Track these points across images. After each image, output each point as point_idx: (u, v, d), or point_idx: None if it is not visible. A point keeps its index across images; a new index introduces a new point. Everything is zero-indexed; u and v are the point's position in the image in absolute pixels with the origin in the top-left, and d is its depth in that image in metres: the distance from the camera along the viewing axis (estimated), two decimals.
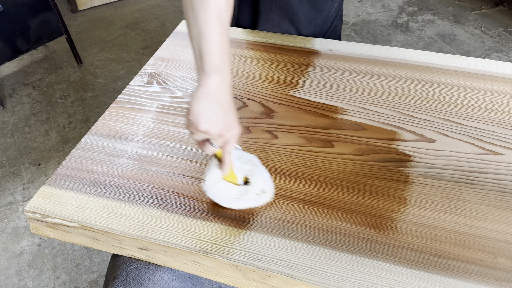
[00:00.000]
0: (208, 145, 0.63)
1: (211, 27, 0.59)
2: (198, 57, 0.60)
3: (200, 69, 0.60)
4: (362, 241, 0.64)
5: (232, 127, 0.61)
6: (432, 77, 0.94)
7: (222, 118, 0.59)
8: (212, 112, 0.59)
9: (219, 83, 0.59)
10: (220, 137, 0.60)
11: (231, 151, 0.64)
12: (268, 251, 0.63)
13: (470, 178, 0.73)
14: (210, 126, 0.58)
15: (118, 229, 0.66)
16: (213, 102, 0.59)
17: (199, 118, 0.58)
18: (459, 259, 0.61)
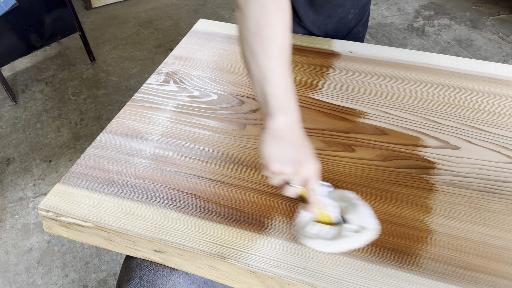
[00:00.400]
0: (288, 187, 0.59)
1: (274, 70, 0.57)
2: (262, 101, 0.59)
3: (265, 112, 0.58)
4: (385, 250, 0.61)
5: (307, 162, 0.57)
6: (456, 82, 0.91)
7: (295, 155, 0.57)
8: (283, 151, 0.56)
9: (287, 122, 0.58)
10: (296, 175, 0.57)
11: (315, 188, 0.59)
12: (287, 258, 0.61)
13: (496, 188, 0.70)
14: (282, 165, 0.56)
15: (133, 231, 0.64)
16: (282, 141, 0.57)
17: (270, 160, 0.56)
18: (486, 272, 0.59)
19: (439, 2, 2.82)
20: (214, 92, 0.90)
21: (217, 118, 0.84)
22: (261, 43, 0.57)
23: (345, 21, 1.08)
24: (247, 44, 0.59)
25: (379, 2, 2.85)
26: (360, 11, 1.09)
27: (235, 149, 0.77)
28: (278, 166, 0.56)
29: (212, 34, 1.08)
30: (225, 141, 0.79)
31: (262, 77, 0.58)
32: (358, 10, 1.08)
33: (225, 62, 0.99)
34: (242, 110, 0.86)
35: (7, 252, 1.50)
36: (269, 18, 0.57)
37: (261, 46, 0.57)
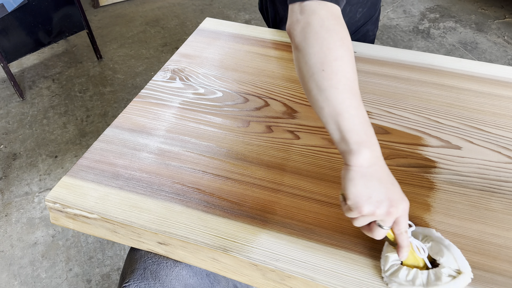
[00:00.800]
0: (378, 229, 0.55)
1: (347, 103, 0.54)
2: (339, 138, 0.55)
3: (345, 150, 0.55)
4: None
5: (399, 202, 0.54)
6: (459, 83, 0.92)
7: (386, 194, 0.53)
8: (373, 191, 0.53)
9: (371, 157, 0.54)
10: (389, 216, 0.53)
11: (406, 229, 0.56)
12: (288, 251, 0.62)
13: (496, 187, 0.71)
14: (375, 207, 0.52)
15: (138, 223, 0.66)
16: (371, 179, 0.53)
17: (360, 200, 0.53)
18: (484, 269, 0.60)
19: (445, 5, 2.82)
20: (219, 89, 0.92)
21: (222, 115, 0.85)
22: (328, 77, 0.55)
23: (353, 20, 1.09)
24: (313, 82, 0.56)
25: (385, 4, 2.85)
26: (369, 9, 1.10)
27: (239, 145, 0.79)
28: (370, 208, 0.52)
29: (218, 33, 1.10)
30: (229, 137, 0.80)
31: (335, 113, 0.54)
32: (367, 9, 1.09)
33: (230, 60, 1.00)
34: (247, 107, 0.87)
35: (12, 245, 1.52)
36: (333, 51, 0.55)
37: (329, 81, 0.55)
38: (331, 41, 0.55)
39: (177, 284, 0.66)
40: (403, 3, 2.85)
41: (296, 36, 0.58)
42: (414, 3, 2.86)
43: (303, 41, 0.57)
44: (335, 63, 0.55)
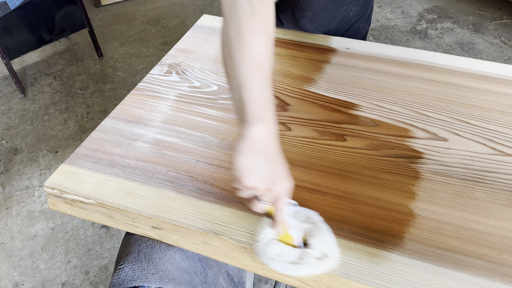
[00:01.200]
0: (257, 202, 0.59)
1: (251, 76, 0.56)
2: (239, 108, 0.57)
3: (242, 120, 0.56)
4: (370, 231, 0.65)
5: (281, 180, 0.56)
6: (448, 78, 0.95)
7: (270, 171, 0.55)
8: (258, 165, 0.54)
9: (264, 133, 0.55)
10: (269, 192, 0.55)
11: (283, 207, 0.58)
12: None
13: (480, 177, 0.73)
14: (256, 181, 0.54)
15: (133, 208, 0.68)
16: (259, 154, 0.54)
17: (244, 173, 0.54)
18: (464, 253, 0.62)
19: (443, 6, 2.85)
20: (215, 83, 0.94)
21: (216, 107, 0.88)
22: (239, 48, 0.57)
23: (347, 18, 1.11)
24: (227, 50, 0.59)
25: (383, 5, 2.88)
26: (362, 8, 1.12)
27: (232, 136, 0.81)
28: (252, 181, 0.54)
29: (215, 29, 1.12)
30: (223, 128, 0.83)
31: (239, 83, 0.56)
32: (360, 7, 1.11)
33: None
34: None
35: (12, 237, 1.55)
36: (249, 25, 0.57)
37: (239, 51, 0.57)
38: (251, 15, 0.58)
39: (169, 266, 0.69)
40: (401, 4, 2.88)
41: (225, 4, 0.60)
42: (413, 4, 2.88)
43: (229, 11, 0.59)
44: (248, 36, 0.57)
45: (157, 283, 0.67)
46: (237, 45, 0.57)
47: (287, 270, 0.59)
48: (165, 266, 0.68)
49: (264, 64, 0.58)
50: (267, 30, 0.59)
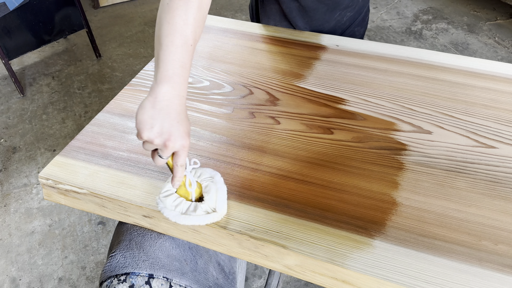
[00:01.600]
0: (157, 157, 0.61)
1: (170, 38, 0.59)
2: (155, 67, 0.60)
3: (154, 78, 0.60)
4: (354, 219, 0.67)
5: (178, 138, 0.58)
6: (434, 74, 0.97)
7: (168, 128, 0.57)
8: (156, 121, 0.57)
9: (168, 93, 0.58)
10: (165, 148, 0.58)
11: (182, 164, 0.62)
12: (263, 223, 0.67)
13: (462, 168, 0.76)
14: (153, 135, 0.57)
15: (124, 197, 0.71)
16: (159, 111, 0.57)
17: (142, 127, 0.57)
18: (444, 240, 0.64)
19: (438, 7, 2.88)
20: (207, 79, 0.96)
21: (208, 102, 0.90)
22: (168, 12, 0.60)
23: (340, 23, 1.13)
24: (159, 13, 0.62)
25: (379, 6, 2.91)
26: (356, 13, 1.14)
27: (222, 129, 0.83)
28: (148, 135, 0.57)
29: (208, 27, 1.15)
30: (214, 122, 0.85)
31: (159, 43, 0.60)
32: (354, 13, 1.13)
33: (218, 52, 1.05)
34: (232, 95, 0.92)
35: (10, 234, 1.57)
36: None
37: (167, 15, 0.60)
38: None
39: (160, 254, 0.71)
40: (396, 5, 2.91)
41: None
42: (408, 5, 2.91)
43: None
44: (178, 3, 0.60)
45: (147, 269, 0.69)
46: (167, 8, 0.61)
47: (178, 219, 0.65)
48: (155, 254, 0.71)
49: (188, 32, 0.61)
50: (200, 2, 0.62)
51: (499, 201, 0.70)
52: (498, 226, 0.66)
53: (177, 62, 0.59)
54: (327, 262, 0.61)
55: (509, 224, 0.66)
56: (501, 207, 0.69)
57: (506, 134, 0.82)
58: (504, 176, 0.74)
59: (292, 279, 1.41)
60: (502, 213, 0.68)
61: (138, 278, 0.68)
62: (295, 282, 1.40)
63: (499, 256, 0.62)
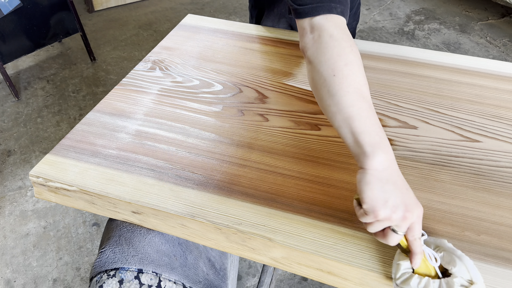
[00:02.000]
0: (393, 234, 0.55)
1: (358, 106, 0.56)
2: (352, 141, 0.56)
3: (360, 153, 0.56)
4: (339, 212, 0.68)
5: (415, 207, 0.53)
6: (421, 71, 0.99)
7: (402, 199, 0.53)
8: (390, 195, 0.53)
9: (386, 160, 0.54)
10: (404, 221, 0.53)
11: (420, 236, 0.56)
12: (250, 217, 0.68)
13: (446, 161, 0.77)
14: (391, 211, 0.52)
15: (113, 194, 0.72)
16: (387, 183, 0.53)
17: (376, 204, 0.52)
18: (428, 231, 0.65)
19: (430, 8, 2.90)
20: (197, 78, 0.98)
21: (198, 100, 0.91)
22: (339, 82, 0.57)
23: None
24: (324, 88, 0.58)
25: (372, 7, 2.93)
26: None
27: (211, 126, 0.85)
28: (387, 212, 0.52)
29: (199, 28, 1.16)
30: (203, 120, 0.86)
31: (347, 116, 0.56)
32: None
33: (208, 52, 1.06)
34: (222, 94, 0.93)
35: (5, 236, 1.58)
36: (342, 57, 0.58)
37: (340, 85, 0.57)
38: (340, 48, 0.59)
39: (149, 249, 0.72)
40: (389, 6, 2.93)
41: (308, 50, 0.63)
42: (400, 6, 2.94)
43: (315, 52, 0.61)
44: (345, 68, 0.58)
45: (137, 264, 0.70)
46: (336, 80, 0.57)
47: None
48: (145, 249, 0.72)
49: (365, 92, 0.58)
50: (358, 57, 0.61)
51: (482, 193, 0.71)
52: (481, 217, 0.67)
53: (376, 126, 0.56)
54: (313, 253, 0.62)
55: (492, 215, 0.68)
56: (484, 199, 0.70)
57: (490, 128, 0.84)
58: (487, 169, 0.75)
59: (285, 277, 1.42)
60: (485, 205, 0.69)
61: (128, 273, 0.69)
62: (288, 280, 1.40)
63: (481, 246, 0.63)
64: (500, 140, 0.81)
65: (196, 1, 3.19)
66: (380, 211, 0.52)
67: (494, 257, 0.62)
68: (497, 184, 0.73)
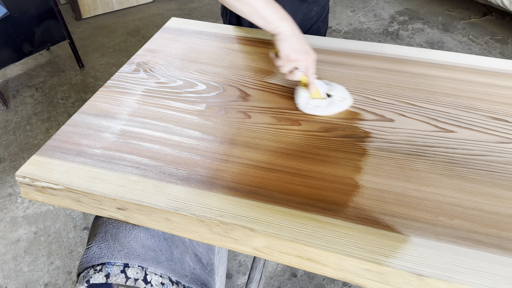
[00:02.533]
0: (297, 71, 0.85)
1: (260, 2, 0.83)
2: (265, 23, 0.84)
3: (273, 28, 0.84)
4: (318, 202, 0.70)
5: (311, 53, 0.85)
6: (399, 67, 1.02)
7: (303, 48, 0.84)
8: (296, 45, 0.83)
9: (290, 26, 0.84)
10: (304, 61, 0.84)
11: (314, 72, 0.86)
12: (232, 209, 0.70)
13: (421, 151, 0.80)
14: (298, 55, 0.83)
15: (98, 191, 0.73)
16: (293, 39, 0.83)
17: (289, 52, 0.83)
18: (403, 217, 0.68)
19: (414, 8, 2.95)
20: (180, 78, 1.00)
21: (181, 100, 0.94)
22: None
23: (308, 17, 1.19)
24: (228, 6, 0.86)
25: (356, 9, 2.98)
26: (321, 9, 1.21)
27: (194, 124, 0.87)
28: (295, 55, 0.83)
29: (182, 30, 1.19)
30: (186, 118, 0.88)
31: (255, 9, 0.83)
32: (320, 8, 1.19)
33: (191, 53, 1.09)
34: (205, 93, 0.95)
35: None
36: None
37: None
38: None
39: (135, 244, 0.74)
40: (374, 7, 2.98)
41: None
42: (385, 7, 2.98)
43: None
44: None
45: (122, 259, 0.71)
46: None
47: (325, 112, 0.87)
48: (130, 244, 0.73)
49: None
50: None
51: (456, 180, 0.74)
52: (454, 202, 0.70)
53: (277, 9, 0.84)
54: (292, 241, 0.65)
55: (465, 201, 0.70)
56: (457, 186, 0.73)
57: (465, 119, 0.87)
58: (461, 158, 0.78)
59: (275, 274, 1.43)
60: (459, 191, 0.72)
61: (114, 267, 0.71)
62: (278, 277, 1.42)
63: (454, 230, 0.66)
64: (473, 130, 0.84)
65: (184, 7, 3.22)
66: (291, 55, 0.83)
67: (467, 239, 0.64)
68: (470, 171, 0.75)
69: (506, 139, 0.82)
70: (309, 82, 0.87)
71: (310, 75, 0.86)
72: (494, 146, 0.80)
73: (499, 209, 0.69)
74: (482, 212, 0.68)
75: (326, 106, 0.88)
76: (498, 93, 0.93)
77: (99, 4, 3.12)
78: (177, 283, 0.76)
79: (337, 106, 0.88)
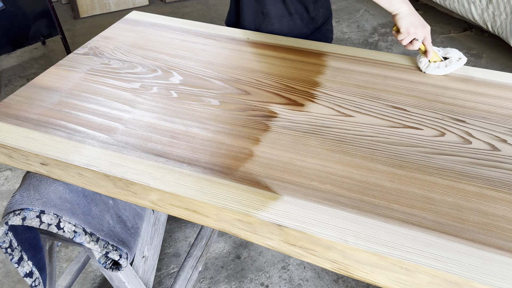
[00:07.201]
0: (416, 42, 1.05)
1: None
2: (389, 5, 1.03)
3: (395, 9, 1.04)
4: (215, 166, 0.80)
5: (426, 26, 1.05)
6: (320, 61, 1.11)
7: (419, 22, 1.04)
8: (414, 21, 1.03)
9: (408, 7, 1.04)
10: (422, 33, 1.04)
11: (430, 41, 1.06)
12: (135, 167, 0.80)
13: (318, 130, 0.89)
14: (416, 28, 1.03)
15: (25, 147, 0.84)
16: (411, 16, 1.03)
17: (409, 27, 1.03)
18: (282, 181, 0.77)
19: None
20: (123, 60, 1.11)
21: (119, 79, 1.04)
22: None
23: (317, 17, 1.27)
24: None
25: (341, 20, 3.09)
26: (327, 11, 1.32)
27: (124, 99, 0.97)
28: (413, 29, 1.03)
29: (139, 22, 1.30)
30: (119, 93, 0.99)
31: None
32: (325, 10, 1.29)
33: (140, 41, 1.20)
34: (143, 74, 1.06)
35: None
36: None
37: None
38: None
39: (53, 196, 0.84)
40: (358, 19, 3.09)
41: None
42: (369, 19, 3.09)
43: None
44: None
45: (40, 206, 0.82)
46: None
47: (446, 71, 1.05)
48: (49, 195, 0.84)
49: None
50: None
51: (339, 154, 0.83)
52: (331, 171, 0.79)
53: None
54: (180, 195, 0.74)
55: (341, 171, 0.79)
56: (339, 159, 0.82)
57: (366, 107, 0.96)
58: (351, 137, 0.87)
59: (220, 255, 1.52)
60: (338, 163, 0.81)
61: (31, 212, 0.81)
62: (223, 258, 1.51)
63: (322, 193, 0.75)
64: (371, 116, 0.93)
65: (177, 11, 3.36)
66: (410, 29, 1.03)
67: (331, 201, 0.73)
68: (354, 148, 0.85)
69: (398, 124, 0.91)
70: (428, 49, 1.05)
71: (428, 43, 1.05)
72: (385, 129, 0.89)
73: (369, 179, 0.78)
74: (353, 181, 0.77)
75: (445, 66, 1.05)
76: (405, 86, 1.02)
77: (96, 4, 3.28)
78: (90, 234, 0.86)
79: (454, 64, 1.05)
